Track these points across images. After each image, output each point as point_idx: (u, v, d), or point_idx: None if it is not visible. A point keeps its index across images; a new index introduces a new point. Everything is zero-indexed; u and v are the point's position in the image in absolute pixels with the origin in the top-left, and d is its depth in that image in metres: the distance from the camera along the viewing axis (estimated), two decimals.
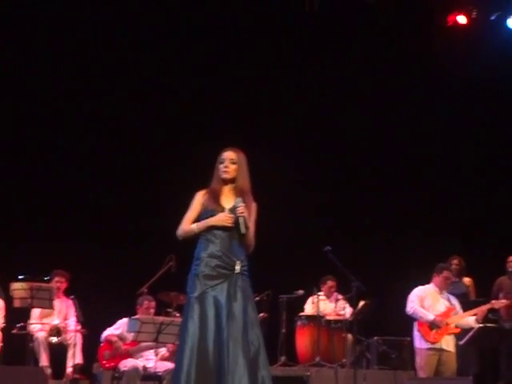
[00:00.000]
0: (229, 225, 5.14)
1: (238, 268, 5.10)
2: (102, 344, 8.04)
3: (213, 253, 5.11)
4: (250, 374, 4.90)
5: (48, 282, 8.76)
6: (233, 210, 5.18)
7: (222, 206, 5.22)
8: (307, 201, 10.61)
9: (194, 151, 10.24)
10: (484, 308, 8.31)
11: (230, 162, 5.27)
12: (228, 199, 5.26)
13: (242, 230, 5.13)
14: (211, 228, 5.17)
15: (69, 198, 10.41)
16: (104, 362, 7.91)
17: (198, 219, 5.23)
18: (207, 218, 5.20)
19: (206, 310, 5.01)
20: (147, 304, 8.26)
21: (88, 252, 10.05)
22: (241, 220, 5.13)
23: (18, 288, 8.19)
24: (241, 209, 5.15)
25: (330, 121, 11.11)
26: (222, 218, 5.15)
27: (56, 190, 10.36)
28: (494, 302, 8.51)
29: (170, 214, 10.29)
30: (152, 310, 8.27)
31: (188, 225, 5.23)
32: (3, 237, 9.79)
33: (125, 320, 8.12)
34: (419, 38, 10.89)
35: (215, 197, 5.25)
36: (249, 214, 5.21)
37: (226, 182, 5.29)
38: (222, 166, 5.29)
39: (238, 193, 5.25)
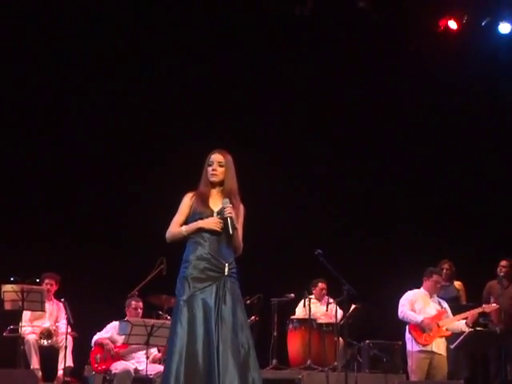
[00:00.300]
0: (218, 229, 5.14)
1: (226, 270, 5.10)
2: (92, 348, 8.02)
3: (201, 255, 5.11)
4: (241, 376, 4.88)
5: (39, 284, 8.76)
6: (221, 212, 5.18)
7: (210, 208, 5.22)
8: (298, 204, 10.63)
9: (182, 153, 10.26)
10: (475, 312, 8.33)
11: (218, 164, 5.27)
12: (216, 202, 5.25)
13: (230, 230, 5.13)
14: (200, 231, 5.16)
15: (59, 200, 10.39)
16: (96, 365, 7.90)
17: (186, 222, 5.23)
18: (195, 220, 5.19)
19: (194, 312, 4.99)
20: (135, 304, 8.26)
21: (79, 255, 10.04)
22: (229, 221, 5.13)
23: (9, 290, 8.18)
24: (228, 209, 5.15)
25: (319, 120, 11.12)
26: (212, 222, 5.14)
27: (46, 192, 10.35)
28: (484, 306, 8.53)
29: (161, 217, 10.33)
30: (140, 311, 8.26)
31: (176, 227, 5.23)
32: None
33: (114, 324, 8.12)
34: (410, 43, 10.93)
35: (203, 199, 5.24)
36: (236, 216, 5.21)
37: (213, 184, 5.29)
38: (210, 168, 5.28)
39: (226, 195, 5.24)
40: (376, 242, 10.83)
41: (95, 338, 8.06)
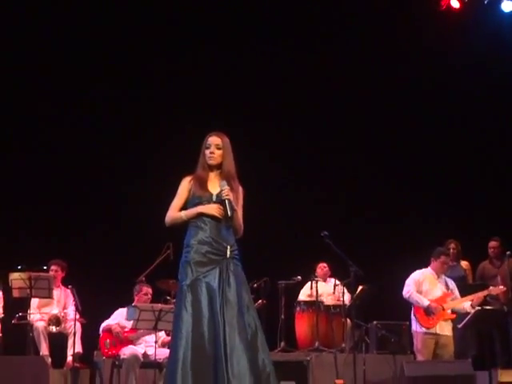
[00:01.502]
0: (218, 216, 5.11)
1: (228, 253, 5.08)
2: (101, 335, 8.04)
3: (203, 239, 5.09)
4: (249, 357, 4.87)
5: (46, 271, 8.80)
6: (222, 204, 5.14)
7: (209, 191, 5.20)
8: (304, 186, 10.63)
9: (181, 137, 10.27)
10: (481, 294, 8.34)
11: (216, 147, 5.23)
12: (214, 185, 5.22)
13: (229, 212, 5.11)
14: (200, 214, 5.14)
15: (66, 187, 10.41)
16: (106, 350, 7.92)
17: (185, 206, 5.21)
18: (195, 204, 5.17)
19: (198, 297, 4.98)
20: (145, 290, 8.27)
21: (85, 241, 10.07)
22: (227, 203, 5.11)
23: (17, 278, 8.20)
24: (226, 191, 5.12)
25: (322, 105, 11.08)
26: (212, 208, 5.12)
27: (52, 180, 10.36)
28: (491, 288, 8.55)
29: (168, 202, 10.34)
30: (149, 296, 8.28)
31: (175, 212, 5.21)
32: (1, 228, 9.80)
33: (120, 311, 8.14)
34: (412, 22, 10.87)
35: (202, 183, 5.21)
36: (236, 199, 5.18)
37: (211, 167, 5.25)
38: (207, 151, 5.25)
39: (224, 178, 5.20)
40: (382, 222, 10.83)
41: (103, 324, 8.09)
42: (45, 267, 8.87)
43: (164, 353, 7.79)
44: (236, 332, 4.89)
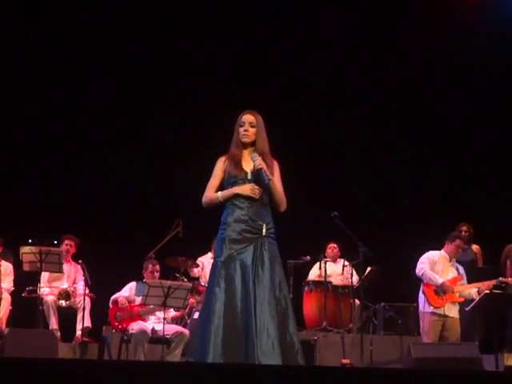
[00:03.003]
0: (255, 196, 5.16)
1: (264, 231, 5.13)
2: (110, 307, 8.10)
3: (239, 217, 5.16)
4: (279, 334, 4.94)
5: (57, 246, 8.85)
6: (256, 174, 5.20)
7: (244, 170, 5.26)
8: (314, 166, 10.61)
9: (197, 116, 10.28)
10: (490, 283, 8.31)
11: (250, 125, 5.29)
12: (249, 163, 5.28)
13: (265, 180, 5.16)
14: (236, 195, 5.20)
15: (77, 163, 10.43)
16: (116, 323, 7.97)
17: (221, 185, 5.28)
18: (231, 183, 5.24)
19: (232, 273, 5.05)
20: (151, 268, 8.30)
21: (96, 217, 10.10)
22: (262, 172, 5.16)
23: (28, 252, 8.24)
24: (258, 161, 5.18)
25: (340, 87, 11.02)
26: (248, 189, 5.18)
27: (65, 154, 10.38)
28: (501, 279, 8.51)
29: (178, 180, 10.39)
30: (156, 274, 8.30)
31: (212, 192, 5.28)
32: (13, 202, 9.85)
33: (132, 284, 8.20)
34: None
35: (236, 162, 5.27)
36: (272, 173, 5.23)
37: (245, 145, 5.32)
38: (241, 129, 5.30)
39: (261, 156, 5.24)
40: (392, 204, 10.80)
41: (113, 297, 8.14)
42: (55, 242, 8.93)
43: (172, 329, 7.85)
44: (266, 310, 4.96)
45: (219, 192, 5.26)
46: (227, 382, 2.99)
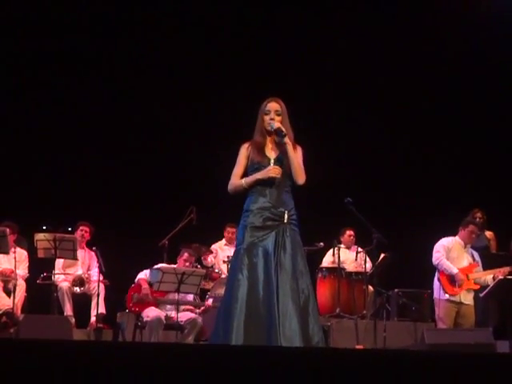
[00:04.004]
0: (277, 176, 5.16)
1: (286, 218, 5.14)
2: (133, 285, 8.09)
3: (262, 205, 5.16)
4: (301, 322, 4.94)
5: (71, 233, 8.89)
6: (279, 161, 5.21)
7: (267, 157, 5.27)
8: (328, 152, 10.58)
9: (211, 103, 10.27)
10: (505, 270, 8.32)
11: (276, 113, 5.28)
12: (272, 151, 5.30)
13: (283, 135, 5.17)
14: (259, 181, 5.20)
15: (91, 149, 10.45)
16: (131, 304, 7.96)
17: (245, 172, 5.29)
18: (254, 170, 5.25)
19: (254, 260, 5.06)
20: (187, 257, 8.24)
21: (110, 204, 10.13)
22: (276, 128, 5.18)
23: (42, 239, 8.27)
24: (275, 124, 5.20)
25: (355, 74, 10.98)
26: (270, 170, 5.17)
27: (79, 141, 10.39)
28: None
29: (192, 167, 10.39)
30: (187, 264, 8.22)
31: (237, 180, 5.28)
32: (28, 189, 9.89)
33: (146, 271, 8.17)
34: None
35: (260, 149, 5.28)
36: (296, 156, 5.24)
37: (270, 133, 5.31)
38: (267, 117, 5.29)
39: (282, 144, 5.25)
40: (405, 190, 10.77)
41: (141, 276, 8.08)
42: (70, 228, 8.97)
43: (185, 315, 7.88)
44: (289, 297, 4.96)
45: (243, 179, 5.27)
46: (248, 363, 3.00)
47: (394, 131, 10.96)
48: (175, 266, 8.17)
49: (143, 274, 8.09)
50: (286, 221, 5.14)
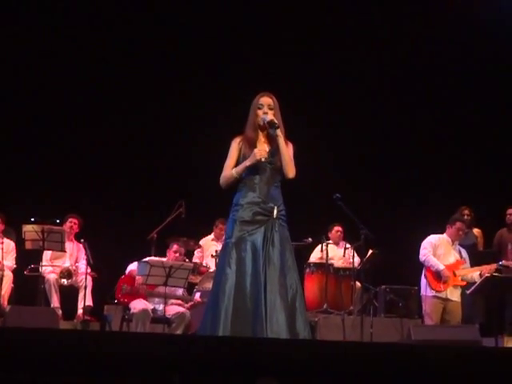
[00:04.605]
0: (264, 157, 5.16)
1: (275, 213, 5.15)
2: (124, 276, 8.07)
3: (252, 199, 5.18)
4: (288, 316, 4.97)
5: (59, 225, 8.86)
6: (271, 155, 5.22)
7: None
8: (317, 148, 10.58)
9: (199, 97, 10.25)
10: (492, 267, 8.36)
11: (268, 107, 5.29)
12: (264, 145, 5.30)
13: (276, 126, 5.18)
14: (249, 174, 5.22)
15: (80, 142, 10.42)
16: (120, 295, 7.94)
17: (236, 166, 5.28)
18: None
19: (243, 254, 5.08)
20: (176, 248, 8.23)
21: (99, 197, 10.11)
22: (269, 120, 5.20)
23: (30, 230, 8.26)
24: (265, 114, 5.23)
25: (344, 73, 10.99)
26: (256, 154, 5.16)
27: (67, 134, 10.37)
28: (504, 262, 8.56)
29: (181, 161, 10.38)
30: (178, 255, 8.22)
31: (228, 171, 5.28)
32: (16, 180, 9.86)
33: (134, 263, 8.15)
34: None
35: (251, 144, 5.28)
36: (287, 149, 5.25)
37: (262, 127, 5.32)
38: (260, 111, 5.30)
39: (274, 138, 5.25)
40: (393, 187, 10.80)
41: (132, 267, 8.04)
42: (58, 220, 8.94)
43: (173, 309, 7.87)
44: (277, 292, 4.99)
45: (233, 169, 5.26)
46: (234, 354, 3.01)
47: (383, 127, 10.99)
48: (165, 259, 8.16)
49: (134, 266, 8.05)
50: (275, 216, 5.15)
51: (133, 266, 8.06)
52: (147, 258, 8.11)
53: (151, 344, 3.01)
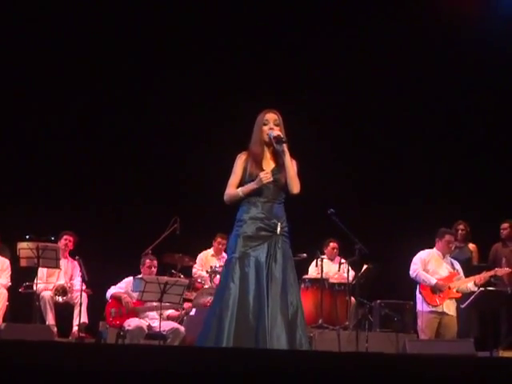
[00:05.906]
0: (269, 181, 5.16)
1: (278, 229, 5.16)
2: (109, 301, 8.09)
3: (255, 215, 5.18)
4: (289, 333, 4.98)
5: (55, 242, 8.86)
6: (275, 172, 5.24)
7: (264, 170, 5.26)
8: (311, 164, 10.61)
9: (196, 114, 10.27)
10: (486, 275, 8.38)
11: (274, 123, 5.31)
12: (269, 162, 5.32)
13: (283, 141, 5.19)
14: (255, 191, 5.21)
15: (75, 159, 10.44)
16: (111, 319, 7.96)
17: (241, 183, 5.28)
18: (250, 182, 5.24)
19: (246, 270, 5.07)
20: (149, 262, 8.25)
21: (93, 214, 10.12)
22: (276, 135, 5.20)
23: (25, 247, 8.27)
24: (271, 130, 5.24)
25: (340, 87, 11.03)
26: (262, 177, 5.16)
27: (62, 151, 10.38)
28: (497, 269, 8.58)
29: (176, 177, 10.38)
30: (154, 269, 8.25)
31: (233, 189, 5.28)
32: (10, 197, 9.86)
33: (129, 279, 8.18)
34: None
35: (257, 161, 5.29)
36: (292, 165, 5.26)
37: (268, 144, 5.32)
38: (266, 127, 5.30)
39: (279, 155, 5.27)
40: (388, 202, 10.81)
41: (111, 291, 8.10)
42: (53, 238, 8.95)
43: (168, 325, 7.86)
44: (278, 308, 4.99)
45: (239, 188, 5.26)
46: (237, 367, 3.02)
47: (377, 143, 11.02)
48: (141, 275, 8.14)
49: (114, 289, 8.08)
50: (278, 232, 5.17)
51: (113, 290, 8.08)
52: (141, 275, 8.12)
53: (147, 357, 3.01)
